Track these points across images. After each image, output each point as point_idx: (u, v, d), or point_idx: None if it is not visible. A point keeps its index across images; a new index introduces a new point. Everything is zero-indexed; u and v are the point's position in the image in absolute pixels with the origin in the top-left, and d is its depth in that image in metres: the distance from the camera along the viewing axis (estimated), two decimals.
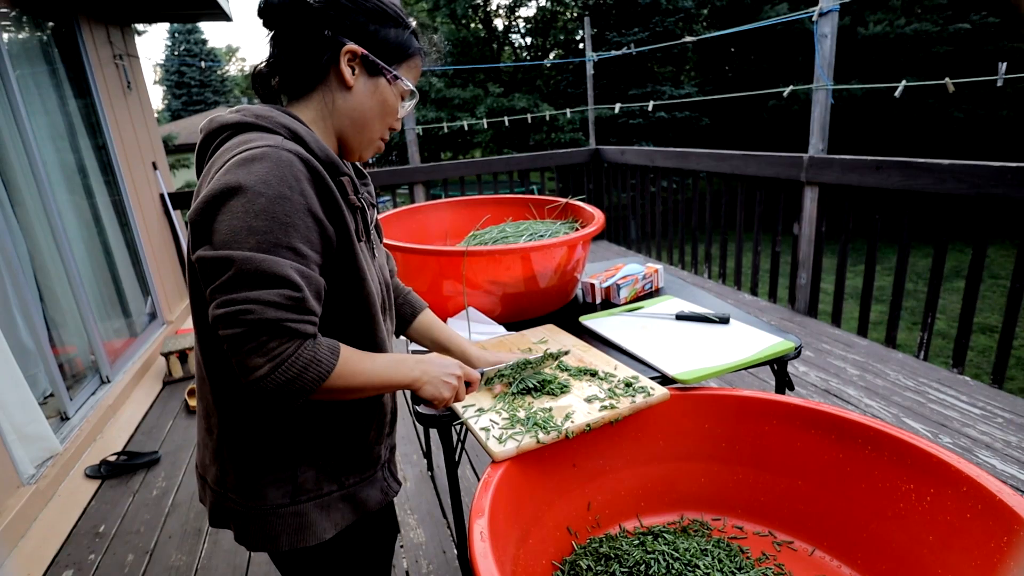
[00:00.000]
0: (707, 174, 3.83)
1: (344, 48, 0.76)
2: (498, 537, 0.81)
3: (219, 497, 0.83)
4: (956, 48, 9.09)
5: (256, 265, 0.65)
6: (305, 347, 0.68)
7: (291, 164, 0.68)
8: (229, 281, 0.65)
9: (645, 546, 0.99)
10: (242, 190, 0.66)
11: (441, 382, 0.86)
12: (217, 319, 0.66)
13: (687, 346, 1.28)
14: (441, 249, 1.45)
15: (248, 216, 0.65)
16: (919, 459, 0.89)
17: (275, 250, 0.66)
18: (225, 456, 0.80)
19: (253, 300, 0.65)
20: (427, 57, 0.87)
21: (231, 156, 0.69)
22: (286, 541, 0.81)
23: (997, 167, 2.15)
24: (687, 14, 11.81)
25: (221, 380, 0.78)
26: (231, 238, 0.65)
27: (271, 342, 0.66)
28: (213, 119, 0.77)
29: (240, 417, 0.79)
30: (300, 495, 0.81)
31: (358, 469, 0.87)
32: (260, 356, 0.65)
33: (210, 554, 1.79)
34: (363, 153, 0.85)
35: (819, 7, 2.77)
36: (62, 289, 2.59)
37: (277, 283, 0.66)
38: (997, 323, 6.34)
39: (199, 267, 0.67)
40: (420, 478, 2.07)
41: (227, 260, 0.65)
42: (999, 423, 2.09)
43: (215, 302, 0.66)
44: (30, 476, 1.99)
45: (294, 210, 0.68)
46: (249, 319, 0.64)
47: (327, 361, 0.70)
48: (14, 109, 2.37)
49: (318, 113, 0.80)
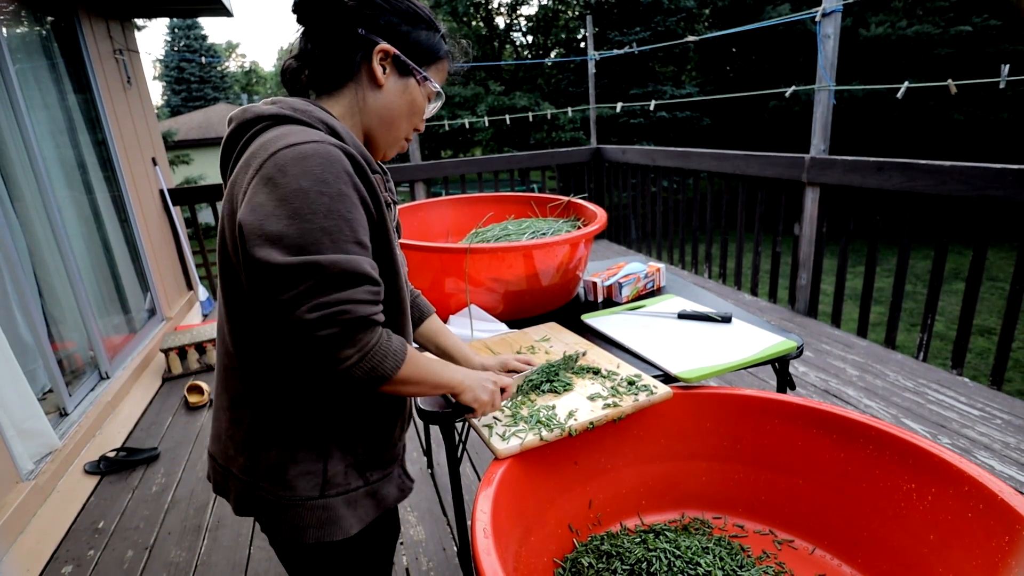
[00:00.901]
0: (708, 174, 3.83)
1: (377, 47, 0.77)
2: (501, 534, 0.81)
3: (248, 486, 0.82)
4: (957, 50, 9.10)
5: (343, 267, 0.67)
6: (383, 337, 0.72)
7: (340, 159, 0.69)
8: (319, 285, 0.66)
9: (646, 544, 0.99)
10: (304, 192, 0.66)
11: (482, 387, 0.89)
12: (312, 323, 0.66)
13: (689, 345, 1.28)
14: (444, 246, 1.45)
15: (317, 218, 0.66)
16: (920, 458, 0.90)
17: (349, 248, 0.68)
18: (257, 446, 0.80)
19: (347, 300, 0.67)
20: (455, 61, 0.88)
21: (275, 150, 0.68)
22: (312, 534, 0.81)
23: (998, 169, 2.15)
24: (689, 14, 11.81)
25: (258, 371, 0.78)
26: (308, 241, 0.66)
27: (359, 334, 0.69)
28: (247, 108, 0.76)
29: (275, 409, 0.79)
30: (328, 488, 0.81)
31: (381, 465, 0.88)
32: (351, 347, 0.68)
33: (210, 550, 1.79)
34: (388, 151, 0.86)
35: (822, 7, 2.77)
36: (61, 285, 2.59)
37: (361, 280, 0.69)
38: (995, 325, 6.36)
39: (268, 272, 0.66)
40: (420, 475, 2.07)
41: (313, 265, 0.65)
42: (998, 424, 2.09)
43: (306, 306, 0.66)
44: (29, 472, 1.99)
45: (354, 205, 0.70)
46: (347, 319, 0.67)
47: (400, 351, 0.74)
48: (14, 104, 2.37)
49: (347, 109, 0.81)
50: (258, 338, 0.77)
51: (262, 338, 0.76)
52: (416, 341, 1.10)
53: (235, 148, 0.77)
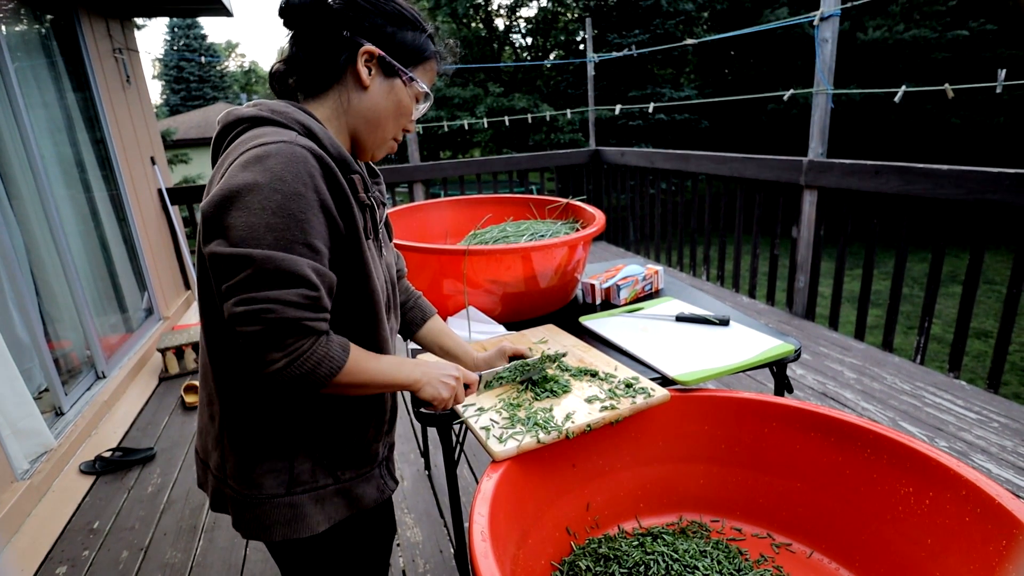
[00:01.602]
0: (706, 176, 3.84)
1: (361, 49, 0.78)
2: (498, 537, 0.80)
3: (219, 482, 0.84)
4: (954, 55, 9.14)
5: (276, 264, 0.66)
6: (319, 343, 0.71)
7: (304, 160, 0.69)
8: (248, 279, 0.66)
9: (644, 547, 0.99)
10: (258, 187, 0.66)
11: (440, 383, 0.88)
12: (236, 316, 0.66)
13: (687, 348, 1.28)
14: (442, 248, 1.44)
15: (265, 213, 0.66)
16: (918, 462, 0.90)
17: (292, 247, 0.67)
18: (225, 443, 0.82)
19: (274, 300, 0.66)
20: (444, 61, 0.88)
21: (245, 150, 0.70)
22: (279, 532, 0.81)
23: (995, 173, 2.16)
24: (688, 17, 11.83)
25: (224, 369, 0.80)
26: (249, 235, 0.66)
27: (288, 339, 0.68)
28: (230, 112, 0.78)
29: (241, 406, 0.80)
30: (295, 486, 0.82)
31: (354, 465, 0.88)
32: (277, 351, 0.67)
33: (205, 551, 1.78)
34: (376, 152, 0.86)
35: (820, 11, 2.78)
36: (58, 283, 2.58)
37: (296, 282, 0.68)
38: (991, 328, 6.37)
39: (213, 262, 0.68)
40: (417, 477, 2.06)
41: (246, 258, 0.65)
42: (994, 427, 2.10)
43: (234, 299, 0.66)
44: (24, 471, 1.98)
45: (309, 206, 0.69)
46: (270, 318, 0.66)
47: (339, 357, 0.73)
48: (12, 102, 2.36)
49: (332, 111, 0.81)
50: (225, 336, 0.78)
51: (228, 336, 0.77)
52: (419, 342, 1.10)
53: (219, 150, 0.78)
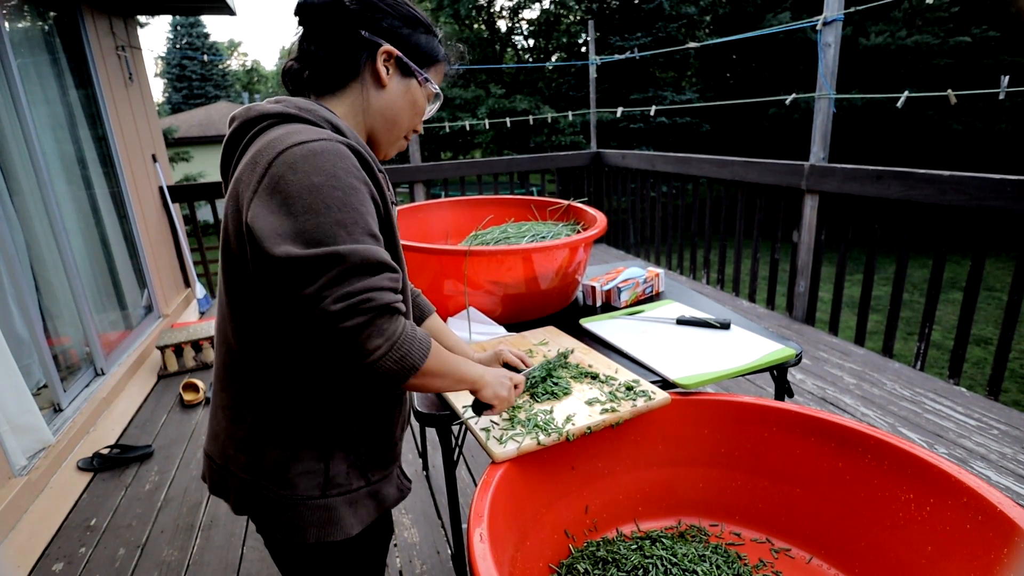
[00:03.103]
0: (707, 180, 3.84)
1: (381, 48, 0.79)
2: (497, 539, 0.80)
3: (248, 485, 0.82)
4: (956, 61, 9.15)
5: (361, 256, 0.67)
6: (408, 326, 0.72)
7: (350, 156, 0.71)
8: (340, 276, 0.66)
9: (643, 550, 0.99)
10: (316, 187, 0.66)
11: (501, 384, 0.91)
12: (336, 314, 0.65)
13: (688, 351, 1.27)
14: (443, 248, 1.44)
15: (332, 211, 0.66)
16: (919, 468, 0.89)
17: (365, 239, 0.68)
18: (260, 444, 0.80)
19: (370, 288, 0.67)
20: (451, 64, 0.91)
21: (283, 148, 0.68)
22: (314, 534, 0.80)
23: (998, 179, 2.16)
24: (690, 20, 11.84)
25: (263, 369, 0.78)
26: (325, 233, 0.66)
27: (384, 323, 0.68)
28: (251, 107, 0.77)
29: (280, 407, 0.79)
30: (330, 488, 0.81)
31: (382, 464, 0.88)
32: (378, 337, 0.67)
33: (202, 549, 1.77)
34: (389, 150, 0.88)
35: (823, 16, 2.78)
36: (58, 280, 2.58)
37: (382, 268, 0.69)
38: (991, 335, 6.37)
39: (287, 268, 0.65)
40: (415, 478, 2.06)
41: (333, 256, 0.65)
42: (994, 435, 2.10)
43: (330, 298, 0.65)
44: (22, 467, 1.97)
45: (365, 198, 0.70)
46: (371, 306, 0.67)
47: (426, 340, 0.74)
48: (15, 98, 2.36)
49: (350, 109, 0.82)
50: (263, 336, 0.77)
51: (267, 336, 0.76)
52: None
53: (238, 146, 0.77)
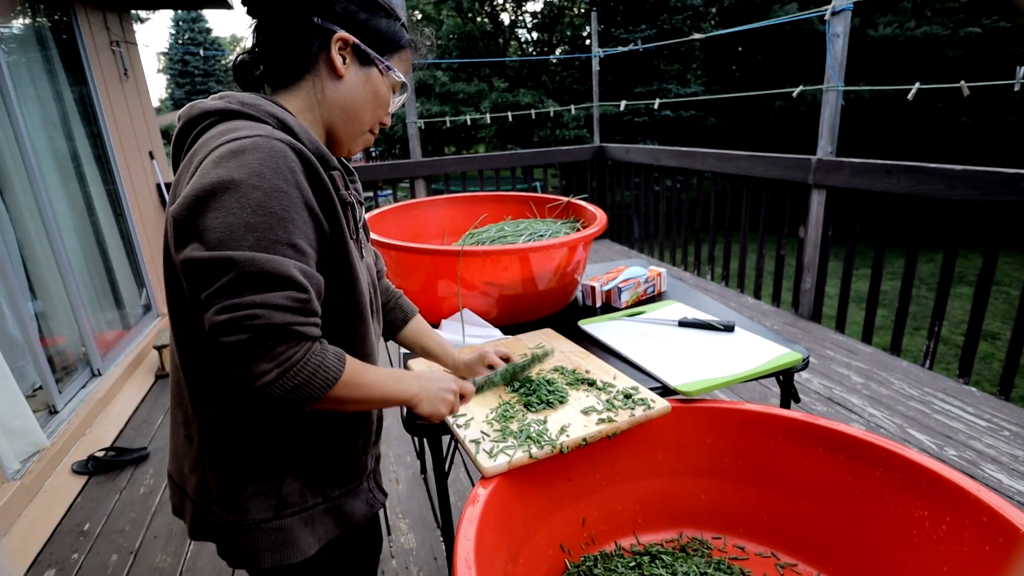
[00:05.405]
0: (712, 174, 3.77)
1: (335, 36, 0.73)
2: (485, 560, 0.76)
3: (200, 509, 0.78)
4: (966, 52, 9.00)
5: (260, 266, 0.60)
6: (313, 352, 0.65)
7: (284, 155, 0.64)
8: (231, 284, 0.60)
9: (641, 568, 0.94)
10: (235, 184, 0.61)
11: (439, 399, 0.84)
12: (219, 325, 0.60)
13: (690, 355, 1.23)
14: (436, 248, 1.39)
15: (244, 212, 0.61)
16: (934, 484, 0.85)
17: (276, 248, 0.62)
18: (206, 466, 0.76)
19: (259, 304, 0.60)
20: (419, 52, 0.83)
21: (216, 145, 0.64)
22: (268, 558, 0.76)
23: (1011, 174, 2.10)
24: (695, 12, 11.72)
25: (203, 386, 0.74)
26: (228, 236, 0.60)
27: (279, 347, 0.62)
28: (193, 105, 0.72)
29: (222, 426, 0.74)
30: (284, 509, 0.77)
31: (343, 480, 0.83)
32: (268, 361, 0.61)
33: (195, 556, 1.75)
34: (352, 146, 0.81)
35: (832, 6, 2.70)
36: (53, 280, 2.55)
37: (282, 284, 0.62)
38: (998, 330, 6.27)
39: (189, 269, 0.62)
40: (413, 480, 2.02)
41: (227, 261, 0.60)
42: (1006, 436, 2.04)
43: (215, 307, 0.60)
44: (15, 471, 1.94)
45: (291, 204, 0.64)
46: (256, 324, 0.60)
47: (335, 368, 0.67)
48: (4, 95, 2.32)
49: (306, 103, 0.76)
50: (202, 350, 0.72)
51: (205, 350, 0.71)
52: (400, 343, 1.06)
53: (183, 147, 0.72)
